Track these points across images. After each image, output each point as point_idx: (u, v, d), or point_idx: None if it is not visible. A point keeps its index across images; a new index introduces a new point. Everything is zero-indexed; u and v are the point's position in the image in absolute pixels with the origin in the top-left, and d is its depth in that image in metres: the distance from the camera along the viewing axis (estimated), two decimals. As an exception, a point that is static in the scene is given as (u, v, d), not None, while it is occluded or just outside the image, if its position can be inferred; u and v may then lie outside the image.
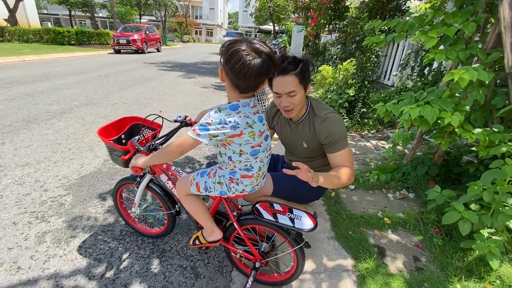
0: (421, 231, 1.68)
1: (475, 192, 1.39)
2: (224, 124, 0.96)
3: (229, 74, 0.95)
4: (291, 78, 1.21)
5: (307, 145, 1.42)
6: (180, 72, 8.89)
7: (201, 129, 0.97)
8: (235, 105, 0.99)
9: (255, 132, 1.03)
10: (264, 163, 1.17)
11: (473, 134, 1.53)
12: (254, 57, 0.89)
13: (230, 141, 1.02)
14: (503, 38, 1.56)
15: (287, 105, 1.27)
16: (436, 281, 1.34)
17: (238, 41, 0.93)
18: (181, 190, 1.29)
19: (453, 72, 1.45)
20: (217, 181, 1.18)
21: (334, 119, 1.32)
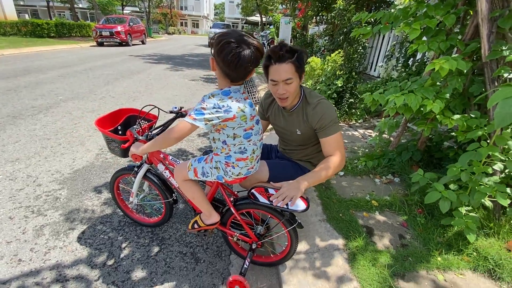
0: (405, 212, 1.80)
1: (453, 173, 1.51)
2: (218, 108, 1.02)
3: (220, 65, 1.02)
4: (288, 66, 1.26)
5: (301, 131, 1.49)
6: (167, 64, 8.74)
7: (196, 114, 1.02)
8: (227, 90, 1.06)
9: (247, 116, 1.10)
10: (257, 146, 1.23)
11: (453, 120, 1.64)
12: (243, 48, 0.97)
13: (224, 125, 1.08)
14: (480, 30, 1.67)
15: (283, 92, 1.33)
16: (419, 255, 1.46)
17: (228, 33, 1.00)
18: (179, 176, 1.34)
19: (434, 62, 1.55)
20: (214, 166, 1.23)
21: (325, 105, 1.40)
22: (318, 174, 1.34)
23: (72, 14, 19.92)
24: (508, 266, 1.35)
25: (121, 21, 14.51)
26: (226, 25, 19.28)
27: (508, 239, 1.48)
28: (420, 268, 1.40)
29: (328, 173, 1.35)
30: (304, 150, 1.62)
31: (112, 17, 15.38)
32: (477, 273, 1.38)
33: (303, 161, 1.67)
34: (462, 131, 1.67)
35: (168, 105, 4.45)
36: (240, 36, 0.98)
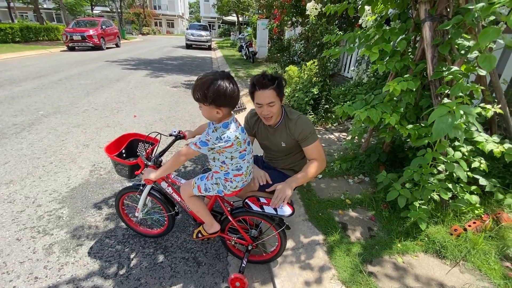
0: (373, 207, 2.13)
1: (408, 174, 1.85)
2: (220, 139, 1.27)
3: (223, 105, 1.23)
4: (270, 91, 1.53)
5: (285, 144, 1.76)
6: (146, 70, 8.69)
7: (201, 144, 1.28)
8: (226, 123, 1.30)
9: (241, 141, 1.35)
10: (250, 162, 1.50)
11: (407, 129, 1.98)
12: (223, 79, 1.19)
13: (224, 150, 1.33)
14: (426, 53, 2.01)
15: (268, 113, 1.60)
16: (383, 244, 1.79)
17: (213, 79, 1.20)
18: (185, 193, 1.56)
19: (389, 84, 1.87)
20: (214, 182, 1.47)
21: (304, 119, 1.69)
22: (301, 178, 1.62)
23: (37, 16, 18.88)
24: (450, 247, 1.71)
25: (92, 24, 14.04)
26: (203, 26, 19.16)
27: (451, 225, 1.84)
28: (384, 254, 1.72)
29: (310, 175, 1.64)
30: (288, 159, 1.89)
31: (83, 20, 14.82)
32: (428, 254, 1.73)
33: (286, 169, 1.94)
34: (415, 138, 2.01)
35: (153, 115, 4.56)
36: (221, 74, 1.22)
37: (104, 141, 3.43)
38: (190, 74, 8.67)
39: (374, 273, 1.59)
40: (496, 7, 1.42)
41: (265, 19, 10.39)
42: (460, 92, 1.77)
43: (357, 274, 1.57)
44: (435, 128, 1.52)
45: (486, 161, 1.91)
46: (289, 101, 4.01)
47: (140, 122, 4.19)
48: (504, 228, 1.83)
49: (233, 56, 13.12)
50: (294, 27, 8.03)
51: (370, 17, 2.65)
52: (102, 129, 3.83)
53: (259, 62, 10.96)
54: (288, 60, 7.78)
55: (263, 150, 1.99)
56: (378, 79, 4.46)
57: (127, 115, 4.48)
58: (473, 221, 1.85)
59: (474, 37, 1.98)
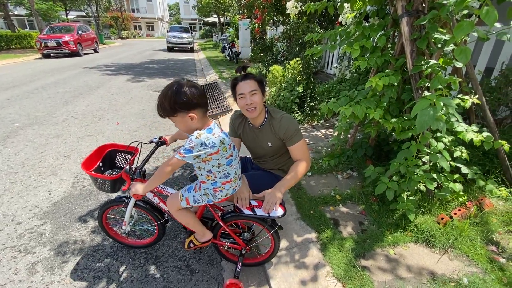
0: (363, 201, 2.17)
1: (395, 167, 1.89)
2: (205, 146, 1.22)
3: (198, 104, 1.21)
4: (251, 81, 1.57)
5: (271, 144, 1.75)
6: (127, 75, 8.47)
7: (186, 152, 1.22)
8: (210, 129, 1.27)
9: (226, 146, 1.31)
10: (238, 167, 1.47)
11: (391, 123, 2.02)
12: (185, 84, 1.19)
13: (210, 158, 1.28)
14: (405, 48, 2.06)
15: (251, 103, 1.58)
16: (375, 237, 1.81)
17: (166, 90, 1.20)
18: (172, 207, 1.51)
19: (371, 80, 1.90)
20: (203, 193, 1.43)
21: (288, 118, 1.68)
22: (290, 180, 1.62)
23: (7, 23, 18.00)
24: (438, 235, 1.75)
25: (68, 29, 13.54)
26: (184, 28, 18.91)
27: (438, 215, 1.89)
28: (376, 247, 1.74)
29: (297, 177, 1.63)
30: (276, 160, 1.88)
31: (57, 25, 14.27)
32: (417, 244, 1.77)
33: (275, 169, 1.93)
34: (399, 131, 2.06)
35: (137, 121, 4.45)
36: (180, 81, 1.20)
37: (86, 151, 3.31)
38: (173, 77, 8.52)
39: (367, 267, 1.61)
40: (468, 1, 1.47)
41: (247, 19, 10.38)
42: (439, 85, 1.82)
43: (351, 269, 1.58)
44: (418, 120, 1.56)
45: (467, 150, 1.98)
46: (274, 101, 4.02)
47: (123, 129, 4.07)
48: (487, 213, 1.90)
49: (216, 57, 13.02)
50: (275, 27, 8.07)
51: (349, 15, 2.70)
52: (83, 138, 3.69)
53: (243, 63, 10.92)
54: (272, 59, 7.80)
55: (250, 152, 1.98)
56: (360, 74, 4.55)
57: (110, 122, 4.34)
58: (458, 209, 1.91)
59: (449, 30, 2.05)
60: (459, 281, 1.48)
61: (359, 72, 4.60)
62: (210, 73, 9.23)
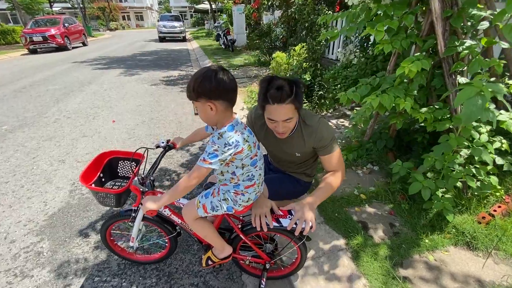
0: (390, 200, 1.99)
1: (429, 163, 1.70)
2: (229, 146, 1.04)
3: (222, 95, 1.03)
4: (288, 106, 1.20)
5: (300, 154, 1.50)
6: (119, 69, 8.09)
7: (211, 158, 1.04)
8: (231, 126, 1.08)
9: (251, 144, 1.13)
10: (262, 169, 1.27)
11: (422, 114, 1.81)
12: (213, 69, 1.02)
13: (233, 158, 1.10)
14: (435, 27, 1.83)
15: (284, 130, 1.32)
16: (410, 241, 1.64)
17: (200, 72, 1.04)
18: (189, 216, 1.32)
19: (403, 66, 1.67)
20: (222, 198, 1.24)
21: (324, 125, 1.41)
22: (325, 191, 1.37)
23: (-11, 18, 17.14)
24: (481, 237, 1.59)
25: (53, 22, 12.90)
26: (175, 16, 18.19)
27: (476, 213, 1.73)
28: (414, 253, 1.58)
29: (333, 189, 1.39)
30: (299, 165, 1.65)
31: (42, 18, 13.60)
32: (458, 247, 1.60)
33: (297, 173, 1.71)
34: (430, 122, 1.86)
35: (134, 118, 4.19)
36: (213, 68, 1.03)
37: (82, 154, 3.07)
38: (167, 69, 8.16)
39: (408, 278, 1.44)
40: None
41: (241, 4, 9.90)
42: (479, 68, 1.61)
43: (390, 281, 1.41)
44: (465, 112, 1.35)
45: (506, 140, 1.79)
46: (280, 91, 3.77)
47: (120, 128, 3.82)
48: (528, 208, 1.74)
49: (210, 46, 12.56)
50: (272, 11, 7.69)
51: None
52: (78, 140, 3.44)
53: (239, 50, 10.53)
54: (270, 45, 7.47)
55: (269, 154, 1.76)
56: (368, 59, 4.30)
57: (105, 121, 4.08)
58: (497, 205, 1.75)
59: (485, 6, 1.81)
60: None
61: (367, 56, 4.36)
62: (206, 63, 8.86)
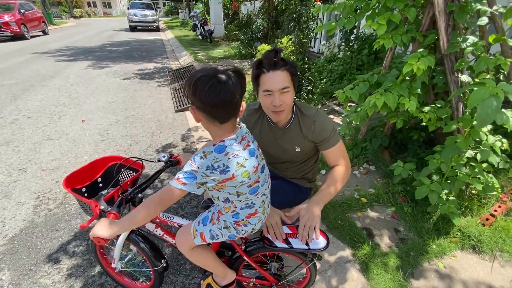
0: (392, 203, 1.92)
1: (435, 165, 1.63)
2: (213, 169, 0.85)
3: (201, 107, 0.84)
4: (284, 73, 1.11)
5: (300, 148, 1.36)
6: (87, 61, 7.41)
7: (186, 178, 0.85)
8: (221, 146, 0.86)
9: (249, 170, 0.91)
10: (267, 194, 1.07)
11: (425, 113, 1.73)
12: (220, 77, 0.81)
13: (223, 185, 0.90)
14: (438, 22, 1.74)
15: (280, 103, 1.16)
16: (418, 248, 1.58)
17: (199, 71, 0.84)
18: (183, 246, 1.12)
19: (411, 63, 1.56)
20: (223, 226, 1.05)
21: (323, 116, 1.29)
22: (328, 191, 1.25)
23: None
24: (486, 240, 1.56)
25: (7, 8, 11.52)
26: (147, 4, 17.05)
27: (479, 214, 1.70)
28: (423, 261, 1.51)
29: (337, 187, 1.27)
30: (299, 166, 1.52)
31: (-9, 3, 12.08)
32: (464, 251, 1.56)
33: (297, 178, 1.57)
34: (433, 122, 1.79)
35: (107, 117, 3.80)
36: (212, 68, 0.84)
37: (47, 161, 2.70)
38: (141, 61, 7.62)
39: (421, 290, 1.37)
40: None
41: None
42: (485, 67, 1.55)
43: (404, 296, 1.33)
44: (480, 114, 1.27)
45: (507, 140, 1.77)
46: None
47: (91, 128, 3.44)
48: (525, 206, 1.74)
49: (187, 36, 11.96)
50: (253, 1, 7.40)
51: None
52: (41, 143, 3.03)
53: (217, 42, 10.12)
54: (251, 37, 7.22)
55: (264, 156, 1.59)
56: (353, 52, 4.25)
57: (73, 120, 3.66)
58: (498, 205, 1.73)
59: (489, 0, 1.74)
60: (525, 296, 1.30)
61: (352, 50, 4.30)
62: (183, 54, 8.41)
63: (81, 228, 1.11)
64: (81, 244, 1.77)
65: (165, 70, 6.68)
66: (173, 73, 6.33)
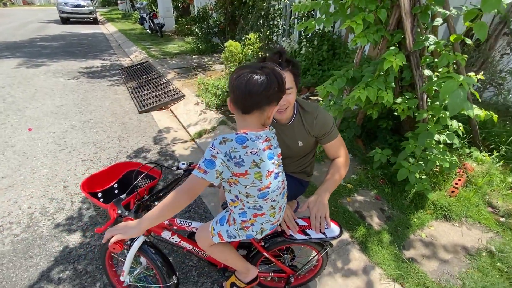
0: (373, 185, 2.13)
1: (411, 149, 1.87)
2: (229, 158, 0.87)
3: (231, 96, 0.91)
4: (288, 74, 1.17)
5: (303, 143, 1.43)
6: (15, 58, 6.34)
7: (206, 165, 0.86)
8: (242, 137, 0.89)
9: (262, 173, 0.93)
10: (278, 200, 1.07)
11: (399, 105, 1.95)
12: (256, 72, 0.85)
13: (236, 180, 0.92)
14: (404, 23, 1.96)
15: (284, 103, 1.23)
16: (403, 222, 1.80)
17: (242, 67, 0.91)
18: (203, 243, 1.15)
19: (390, 60, 1.74)
20: (239, 227, 1.07)
21: (323, 111, 1.37)
22: (333, 180, 1.33)
23: None
24: (454, 209, 1.86)
25: None
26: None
27: (446, 188, 2.01)
28: (409, 233, 1.73)
29: (341, 174, 1.36)
30: (299, 161, 1.59)
31: None
32: (438, 221, 1.84)
33: (297, 172, 1.64)
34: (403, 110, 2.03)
35: (60, 123, 3.35)
36: (257, 65, 0.89)
37: (-5, 178, 2.28)
38: (84, 58, 6.82)
39: (413, 258, 1.58)
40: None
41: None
42: (447, 62, 1.81)
43: (402, 266, 1.52)
44: (451, 103, 1.49)
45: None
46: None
47: (43, 137, 3.00)
48: (474, 177, 2.12)
49: (133, 30, 11.04)
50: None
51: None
52: (-19, 159, 2.54)
53: (169, 36, 9.61)
54: (208, 32, 7.03)
55: None
56: (314, 48, 4.49)
57: (16, 129, 3.14)
58: (458, 179, 2.06)
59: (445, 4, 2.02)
60: (488, 249, 1.60)
61: (312, 46, 4.53)
62: (133, 50, 7.78)
63: (97, 232, 1.00)
64: (66, 268, 1.57)
65: (116, 68, 6.12)
66: (126, 70, 5.83)
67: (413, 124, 2.26)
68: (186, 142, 3.10)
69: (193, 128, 3.30)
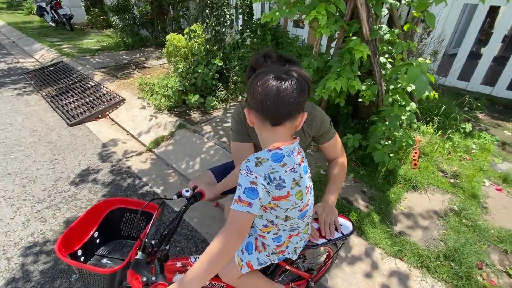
0: (348, 169, 2.25)
1: (380, 132, 2.02)
2: (270, 181, 0.76)
3: (253, 106, 0.79)
4: None
5: (300, 144, 1.38)
6: None
7: (249, 195, 0.71)
8: (279, 155, 0.78)
9: (303, 190, 0.84)
10: (311, 214, 0.99)
11: (366, 92, 2.08)
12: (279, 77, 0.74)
13: (275, 205, 0.81)
14: (360, 13, 2.05)
15: None
16: (384, 200, 1.96)
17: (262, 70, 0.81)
18: (230, 277, 1.01)
19: (361, 50, 1.81)
20: (271, 252, 0.98)
21: (321, 110, 1.32)
22: (338, 183, 1.34)
23: None
24: (418, 179, 2.11)
25: None
26: None
27: (408, 162, 2.26)
28: (391, 209, 1.90)
29: (343, 177, 1.37)
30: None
31: None
32: (409, 192, 2.07)
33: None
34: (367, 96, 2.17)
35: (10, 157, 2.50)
36: (280, 68, 0.79)
37: None
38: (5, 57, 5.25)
39: (402, 232, 1.73)
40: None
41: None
42: (401, 50, 1.99)
43: (397, 242, 1.65)
44: (417, 88, 1.66)
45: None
46: (189, 79, 3.26)
47: None
48: (422, 148, 2.45)
49: (29, 23, 9.00)
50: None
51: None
52: None
53: (82, 30, 8.19)
54: (134, 23, 6.24)
55: None
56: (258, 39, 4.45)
57: None
58: (414, 152, 2.35)
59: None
60: (452, 209, 1.88)
61: (256, 37, 4.48)
62: (37, 48, 6.36)
63: None
64: None
65: (18, 72, 4.93)
66: (34, 74, 4.73)
67: (369, 108, 2.47)
68: (142, 153, 2.71)
69: (146, 137, 2.90)
